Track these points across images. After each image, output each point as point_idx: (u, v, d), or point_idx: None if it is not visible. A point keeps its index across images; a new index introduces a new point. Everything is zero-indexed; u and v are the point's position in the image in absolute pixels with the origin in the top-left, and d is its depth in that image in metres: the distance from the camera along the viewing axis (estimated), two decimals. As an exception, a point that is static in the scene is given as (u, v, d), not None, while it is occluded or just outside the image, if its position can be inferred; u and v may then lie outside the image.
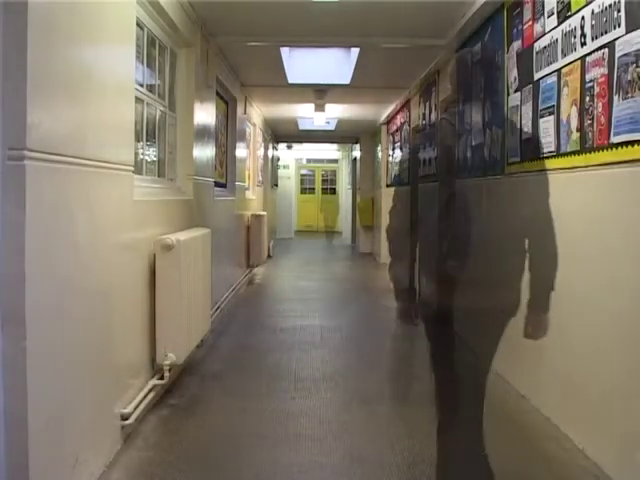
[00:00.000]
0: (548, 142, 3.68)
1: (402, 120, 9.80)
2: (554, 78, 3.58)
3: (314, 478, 3.03)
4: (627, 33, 2.77)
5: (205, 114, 5.57)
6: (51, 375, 2.43)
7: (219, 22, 5.44)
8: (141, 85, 4.06)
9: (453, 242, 2.70)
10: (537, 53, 3.85)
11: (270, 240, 12.39)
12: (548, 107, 3.67)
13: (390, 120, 11.19)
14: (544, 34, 3.72)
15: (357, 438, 3.47)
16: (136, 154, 3.73)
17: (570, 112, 3.37)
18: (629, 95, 2.75)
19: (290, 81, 7.84)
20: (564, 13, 3.43)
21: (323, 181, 22.25)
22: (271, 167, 14.26)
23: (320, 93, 8.77)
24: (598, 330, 3.11)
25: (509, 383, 4.31)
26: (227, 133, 7.69)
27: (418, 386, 4.44)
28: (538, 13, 3.83)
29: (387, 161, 11.63)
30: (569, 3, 3.36)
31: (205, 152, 5.62)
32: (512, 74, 4.34)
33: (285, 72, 7.48)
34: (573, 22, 3.31)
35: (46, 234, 2.38)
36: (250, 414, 3.80)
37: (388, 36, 5.87)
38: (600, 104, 3.03)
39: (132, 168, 3.38)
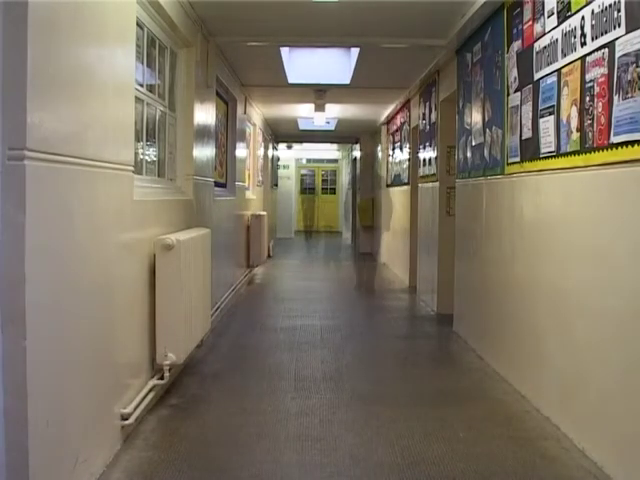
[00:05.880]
0: (548, 142, 3.68)
1: (402, 120, 9.80)
2: (554, 78, 3.58)
3: (314, 478, 3.03)
4: (627, 33, 2.76)
5: (205, 114, 5.57)
6: (51, 375, 2.43)
7: (219, 22, 5.44)
8: (141, 85, 4.06)
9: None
10: (537, 53, 3.85)
11: (270, 240, 12.39)
12: (548, 107, 3.67)
13: (390, 120, 11.19)
14: (544, 34, 3.72)
15: (357, 438, 3.47)
16: (136, 154, 3.72)
17: (570, 112, 3.37)
18: (629, 95, 2.75)
19: (290, 81, 7.83)
20: (564, 13, 3.42)
21: (323, 181, 22.24)
22: (271, 167, 14.26)
23: (320, 93, 8.76)
24: (598, 330, 3.11)
25: (509, 383, 4.31)
26: (227, 133, 7.68)
27: (418, 386, 4.45)
28: (538, 13, 3.83)
29: (387, 161, 11.63)
30: (569, 3, 3.36)
31: (205, 152, 5.62)
32: (512, 74, 4.34)
33: (285, 72, 7.47)
34: (573, 22, 3.31)
35: (46, 234, 2.38)
36: (250, 414, 3.80)
37: (388, 36, 5.86)
38: (600, 104, 3.03)
39: (132, 168, 3.38)
